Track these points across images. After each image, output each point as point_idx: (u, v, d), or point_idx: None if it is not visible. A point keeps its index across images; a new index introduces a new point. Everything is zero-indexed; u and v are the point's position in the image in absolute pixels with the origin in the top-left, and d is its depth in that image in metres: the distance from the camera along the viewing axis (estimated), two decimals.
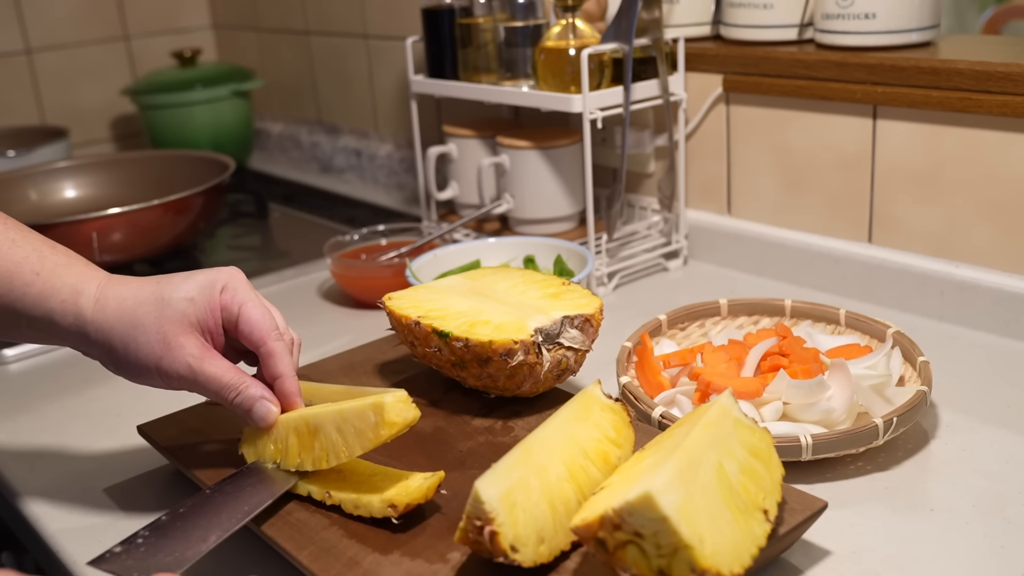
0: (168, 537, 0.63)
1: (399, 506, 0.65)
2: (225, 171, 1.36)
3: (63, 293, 0.69)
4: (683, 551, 0.53)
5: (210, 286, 0.70)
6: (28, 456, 0.88)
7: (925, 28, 1.04)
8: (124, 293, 0.69)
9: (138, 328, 0.68)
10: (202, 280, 0.70)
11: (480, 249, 1.10)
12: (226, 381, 0.69)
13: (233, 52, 2.06)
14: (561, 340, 0.78)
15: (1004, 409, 0.85)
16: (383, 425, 0.65)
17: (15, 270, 0.68)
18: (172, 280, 0.70)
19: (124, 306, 0.68)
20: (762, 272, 1.18)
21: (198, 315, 0.69)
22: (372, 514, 0.66)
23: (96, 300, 0.69)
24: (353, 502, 0.67)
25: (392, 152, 1.69)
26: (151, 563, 0.60)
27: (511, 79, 1.21)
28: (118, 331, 0.68)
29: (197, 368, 0.68)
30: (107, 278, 0.71)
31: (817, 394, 0.78)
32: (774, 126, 1.15)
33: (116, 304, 0.69)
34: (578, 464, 0.64)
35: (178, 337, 0.68)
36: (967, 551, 0.67)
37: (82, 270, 0.70)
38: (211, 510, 0.66)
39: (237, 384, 0.69)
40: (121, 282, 0.70)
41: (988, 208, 0.99)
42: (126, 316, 0.68)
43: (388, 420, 0.65)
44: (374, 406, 0.66)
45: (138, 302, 0.69)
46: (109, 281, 0.70)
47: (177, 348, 0.68)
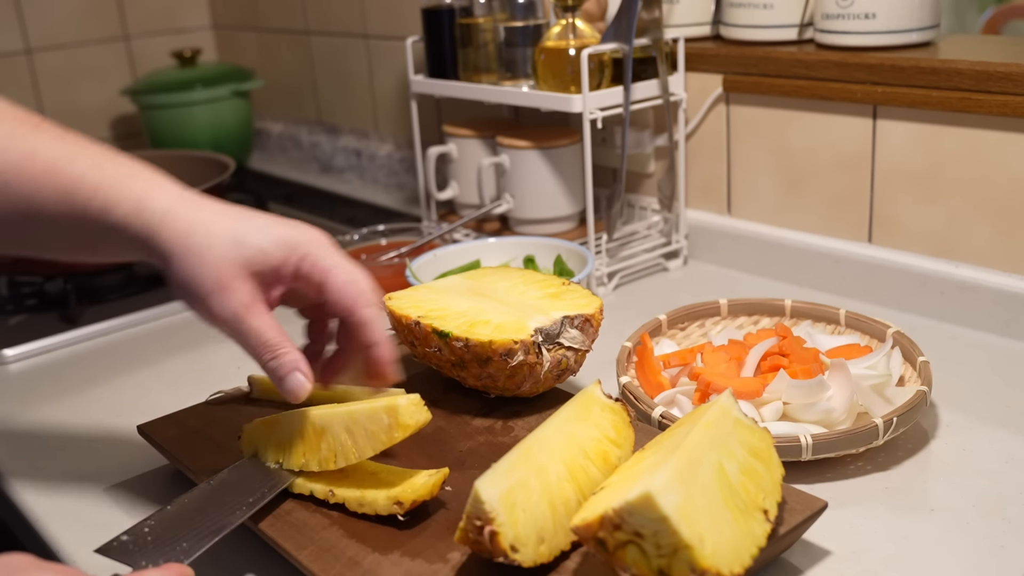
0: (174, 528, 0.63)
1: (405, 503, 0.65)
2: (225, 171, 1.36)
3: (126, 204, 0.65)
4: (683, 551, 0.53)
5: (289, 247, 0.67)
6: (28, 456, 0.88)
7: (925, 28, 1.04)
8: (196, 217, 0.66)
9: (201, 257, 0.65)
10: (281, 236, 0.67)
11: (480, 249, 1.10)
12: (267, 338, 0.66)
13: (233, 52, 2.06)
14: (561, 340, 0.78)
15: (1004, 409, 0.85)
16: (396, 427, 0.66)
17: (74, 187, 0.65)
18: (250, 224, 0.67)
19: (193, 231, 0.65)
20: (762, 272, 1.18)
21: (263, 267, 0.66)
22: (377, 511, 0.66)
23: (164, 216, 0.65)
24: (357, 500, 0.67)
25: (392, 152, 1.69)
26: (159, 554, 0.60)
27: (511, 79, 1.21)
28: (179, 254, 0.65)
29: (243, 316, 0.65)
30: (180, 194, 0.67)
31: (817, 394, 0.78)
32: (774, 126, 1.15)
33: (184, 227, 0.65)
34: (578, 464, 0.64)
35: (234, 280, 0.65)
36: (967, 551, 0.67)
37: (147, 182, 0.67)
38: (216, 501, 0.66)
39: (277, 345, 0.66)
40: (195, 203, 0.67)
41: (988, 208, 0.99)
42: (192, 243, 0.65)
43: (402, 423, 0.65)
44: (388, 408, 0.66)
45: (208, 233, 0.65)
46: (182, 198, 0.67)
47: (231, 290, 0.65)
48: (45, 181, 0.65)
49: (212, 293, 0.65)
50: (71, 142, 0.67)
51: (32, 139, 0.66)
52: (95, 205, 0.65)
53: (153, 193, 0.66)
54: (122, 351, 1.10)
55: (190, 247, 0.65)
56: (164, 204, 0.66)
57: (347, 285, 0.67)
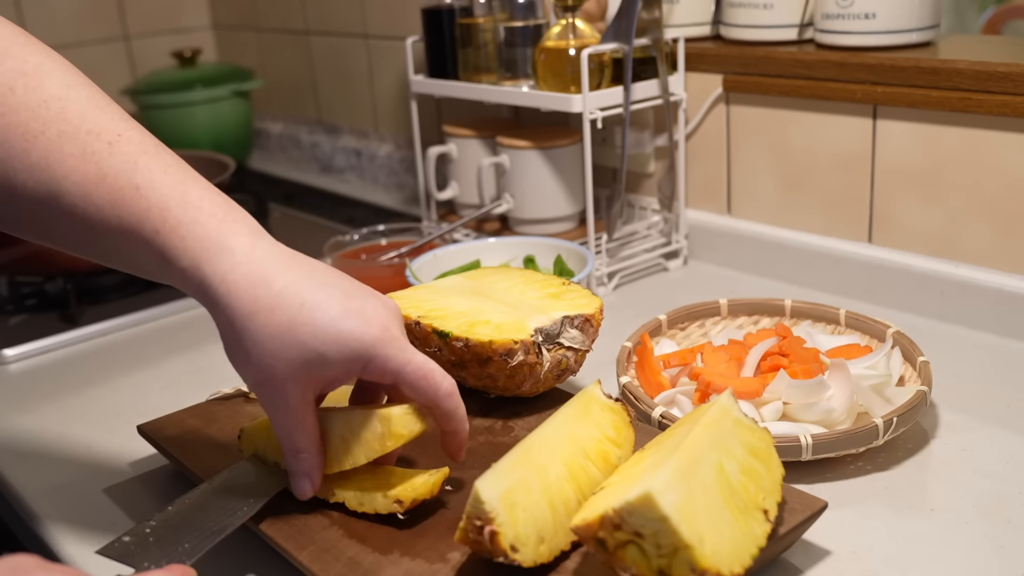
0: (176, 528, 0.63)
1: (405, 502, 0.65)
2: (225, 171, 1.36)
3: (184, 260, 0.61)
4: (683, 551, 0.53)
5: (353, 357, 0.62)
6: (28, 456, 0.88)
7: (925, 28, 1.04)
8: (261, 295, 0.60)
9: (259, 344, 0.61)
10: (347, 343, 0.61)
11: (480, 249, 1.10)
12: (294, 442, 0.65)
13: (233, 52, 2.06)
14: (561, 340, 0.78)
15: (1004, 409, 0.85)
16: (389, 436, 0.65)
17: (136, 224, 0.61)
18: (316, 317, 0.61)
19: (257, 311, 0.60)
20: (762, 272, 1.18)
21: (321, 374, 0.62)
22: (377, 510, 0.66)
23: (224, 281, 0.61)
24: (357, 499, 0.67)
25: (392, 152, 1.69)
26: (161, 554, 0.60)
27: (511, 79, 1.21)
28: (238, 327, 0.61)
29: (283, 416, 0.63)
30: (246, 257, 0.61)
31: (817, 394, 0.78)
32: (774, 126, 1.15)
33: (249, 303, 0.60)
34: (578, 464, 0.64)
35: (288, 381, 0.62)
36: (967, 551, 0.67)
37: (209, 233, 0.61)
38: (218, 502, 0.66)
39: (300, 451, 0.65)
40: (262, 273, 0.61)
41: (988, 208, 0.99)
42: (255, 323, 0.60)
43: (394, 432, 0.65)
44: (381, 417, 0.66)
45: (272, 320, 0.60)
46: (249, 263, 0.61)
47: (281, 388, 0.62)
48: (108, 213, 0.61)
49: (261, 384, 0.63)
50: (143, 168, 0.62)
51: (104, 160, 0.61)
52: (155, 249, 0.61)
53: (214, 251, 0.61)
54: (122, 351, 1.10)
55: (249, 331, 0.61)
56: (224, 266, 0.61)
57: (422, 381, 0.64)
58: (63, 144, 0.61)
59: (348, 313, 0.62)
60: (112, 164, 0.61)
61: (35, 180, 0.61)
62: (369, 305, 0.63)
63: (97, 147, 0.61)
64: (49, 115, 0.61)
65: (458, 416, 0.65)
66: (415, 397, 0.65)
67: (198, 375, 1.01)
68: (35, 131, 0.60)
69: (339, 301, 0.62)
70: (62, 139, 0.61)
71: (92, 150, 0.61)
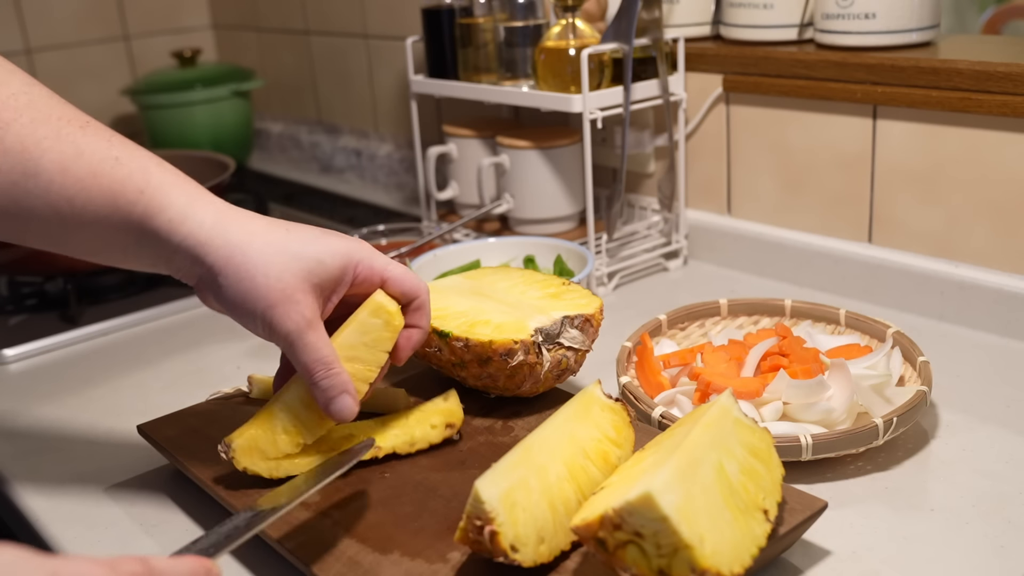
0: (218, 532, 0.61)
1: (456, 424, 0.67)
2: (225, 171, 1.36)
3: (171, 211, 0.64)
4: (683, 551, 0.53)
5: (346, 257, 0.68)
6: (28, 456, 0.88)
7: (925, 28, 1.04)
8: (251, 226, 0.66)
9: (259, 269, 0.64)
10: (338, 247, 0.67)
11: (480, 249, 1.10)
12: (323, 354, 0.66)
13: (233, 52, 2.06)
14: (561, 340, 0.78)
15: (1004, 409, 0.85)
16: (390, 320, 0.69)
17: (119, 189, 0.64)
18: (303, 235, 0.67)
19: (252, 239, 0.65)
20: (762, 272, 1.18)
21: (324, 279, 0.66)
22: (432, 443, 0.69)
23: (215, 223, 0.65)
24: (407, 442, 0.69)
25: (392, 152, 1.69)
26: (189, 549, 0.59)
27: (511, 79, 1.21)
28: (237, 261, 0.64)
29: (304, 330, 0.65)
30: (225, 205, 0.67)
31: (817, 394, 0.78)
32: (774, 126, 1.15)
33: (240, 233, 0.65)
34: (578, 464, 0.65)
35: (297, 292, 0.65)
36: (967, 551, 0.67)
37: (193, 190, 0.66)
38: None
39: (332, 363, 0.66)
40: (244, 214, 0.67)
41: (988, 208, 0.99)
42: (251, 253, 0.64)
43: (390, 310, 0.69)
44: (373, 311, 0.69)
45: (268, 242, 0.65)
46: (228, 211, 0.66)
47: (294, 303, 0.65)
48: (89, 183, 0.64)
49: (275, 305, 0.65)
50: (118, 144, 0.66)
51: (79, 139, 0.65)
52: (138, 209, 0.64)
53: (199, 203, 0.66)
54: (122, 351, 1.10)
55: (248, 259, 0.64)
56: (211, 215, 0.65)
57: (405, 275, 0.71)
58: (36, 128, 0.64)
59: (327, 232, 0.69)
60: (88, 142, 0.65)
61: (10, 163, 0.63)
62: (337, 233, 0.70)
63: (70, 129, 0.65)
64: (19, 105, 0.64)
65: (427, 311, 0.73)
66: (400, 292, 0.71)
67: (198, 375, 1.01)
68: (7, 119, 0.64)
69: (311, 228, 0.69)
70: (35, 124, 0.64)
71: (66, 132, 0.65)
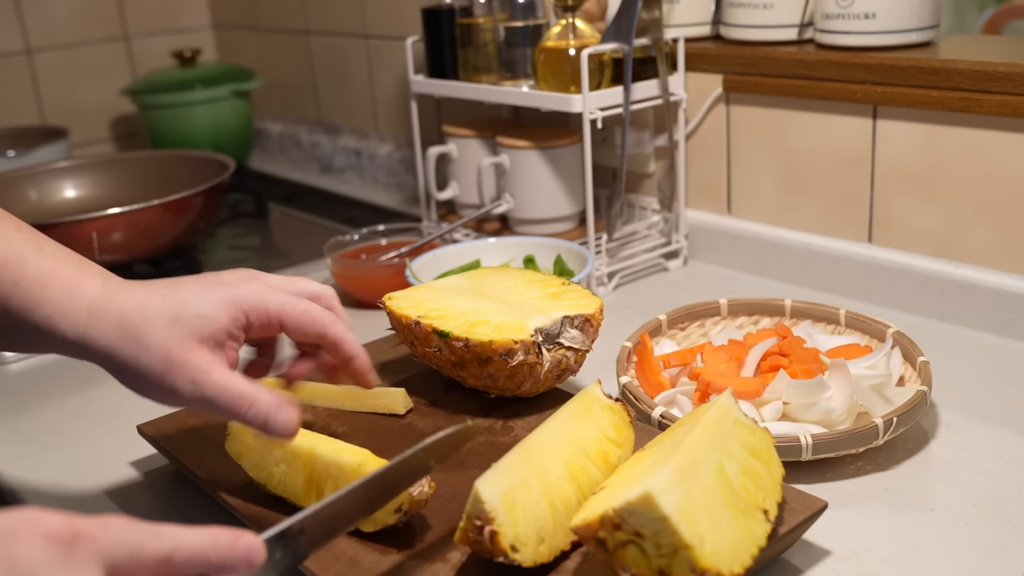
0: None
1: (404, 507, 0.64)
2: (225, 171, 1.36)
3: (47, 307, 0.62)
4: (683, 551, 0.53)
5: (233, 305, 0.64)
6: (28, 456, 0.88)
7: (925, 28, 1.04)
8: (124, 306, 0.63)
9: (140, 346, 0.62)
10: (219, 298, 0.64)
11: (480, 249, 1.10)
12: (236, 390, 0.62)
13: (233, 52, 2.06)
14: (561, 340, 0.78)
15: (1004, 409, 0.85)
16: None
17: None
18: (182, 294, 0.63)
19: (126, 323, 0.62)
20: (762, 272, 1.18)
21: (212, 332, 0.63)
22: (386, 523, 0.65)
23: (89, 314, 0.62)
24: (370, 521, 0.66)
25: (392, 152, 1.69)
26: None
27: (511, 79, 1.21)
28: (117, 348, 0.62)
29: (204, 381, 0.62)
30: (102, 286, 0.64)
31: (817, 394, 0.78)
32: (774, 126, 1.15)
33: (115, 320, 0.62)
34: (578, 464, 0.64)
35: (184, 354, 0.62)
36: (967, 551, 0.67)
37: (71, 278, 0.64)
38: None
39: (249, 394, 0.62)
40: (121, 292, 0.64)
41: (988, 208, 0.99)
42: (128, 334, 0.62)
43: None
44: None
45: (142, 319, 0.62)
46: (106, 290, 0.64)
47: (182, 365, 0.62)
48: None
49: (165, 373, 0.62)
50: None
51: None
52: (14, 303, 0.62)
53: (76, 290, 0.63)
54: None
55: (127, 338, 0.62)
56: (89, 300, 0.63)
57: (304, 315, 0.66)
58: None
59: (207, 283, 0.65)
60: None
61: None
62: (225, 278, 0.66)
63: None
64: None
65: (348, 340, 0.68)
66: (301, 336, 0.66)
67: None
68: None
69: (194, 281, 0.65)
70: None
71: None
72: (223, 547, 0.47)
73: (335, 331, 0.67)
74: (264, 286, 0.66)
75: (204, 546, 0.46)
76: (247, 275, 0.67)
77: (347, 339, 0.68)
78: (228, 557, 0.47)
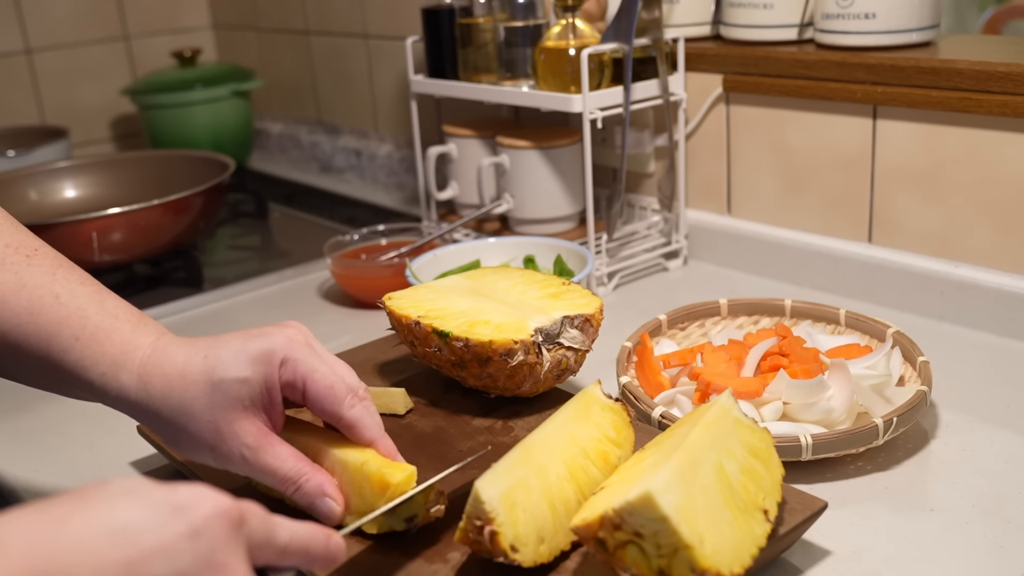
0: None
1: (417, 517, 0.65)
2: (225, 171, 1.36)
3: (102, 365, 0.63)
4: (683, 551, 0.53)
5: (266, 362, 0.63)
6: (28, 456, 0.88)
7: (925, 28, 1.04)
8: (170, 370, 0.63)
9: (187, 415, 0.62)
10: (256, 353, 0.63)
11: (480, 249, 1.10)
12: (283, 473, 0.63)
13: (233, 52, 2.06)
14: (561, 340, 0.78)
15: (1004, 409, 0.85)
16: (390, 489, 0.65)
17: (54, 332, 0.62)
18: (221, 354, 0.63)
19: (171, 388, 0.62)
20: (762, 272, 1.18)
21: (252, 397, 0.63)
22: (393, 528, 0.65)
23: (140, 377, 0.63)
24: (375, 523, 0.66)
25: (392, 152, 1.69)
26: None
27: (511, 79, 1.21)
28: (166, 415, 0.63)
29: (252, 459, 0.63)
30: (152, 347, 0.64)
31: (817, 394, 0.78)
32: (774, 126, 1.15)
33: (162, 385, 0.63)
34: (578, 464, 0.64)
35: (231, 425, 0.62)
36: (967, 551, 0.67)
37: (127, 336, 0.64)
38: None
39: (296, 477, 0.64)
40: (166, 355, 0.63)
41: (988, 208, 0.99)
42: (173, 401, 0.62)
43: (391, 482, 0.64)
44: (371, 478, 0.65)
45: (186, 384, 0.62)
46: (155, 352, 0.64)
47: (231, 437, 0.63)
48: (26, 319, 0.63)
49: (215, 445, 0.63)
50: (62, 278, 0.65)
51: (23, 271, 0.64)
52: (71, 358, 0.63)
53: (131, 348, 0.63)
54: None
55: (172, 407, 0.63)
56: (140, 361, 0.63)
57: (328, 391, 0.65)
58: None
59: (249, 337, 0.64)
60: (31, 274, 0.64)
61: None
62: (270, 329, 0.65)
63: (16, 259, 0.64)
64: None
65: (367, 425, 0.66)
66: (319, 408, 0.65)
67: None
68: None
69: (238, 336, 0.64)
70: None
71: (11, 261, 0.64)
72: (319, 542, 0.53)
73: (353, 414, 0.66)
74: (305, 346, 0.65)
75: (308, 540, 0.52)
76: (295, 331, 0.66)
77: (365, 423, 0.66)
78: (322, 553, 0.53)
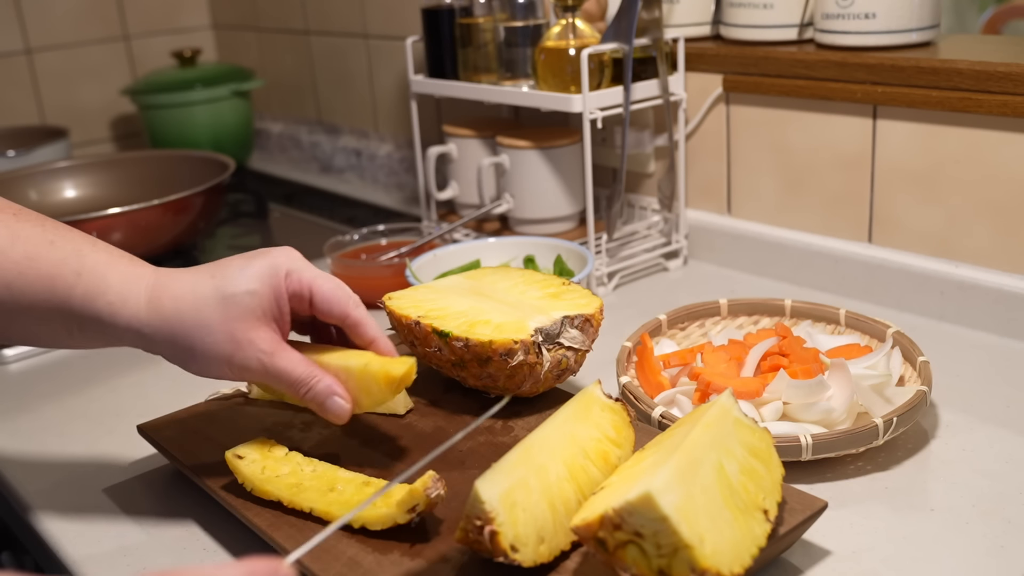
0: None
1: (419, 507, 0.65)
2: (225, 171, 1.36)
3: (110, 294, 0.66)
4: (683, 551, 0.53)
5: (272, 274, 0.69)
6: (28, 456, 0.88)
7: (925, 28, 1.04)
8: (179, 291, 0.67)
9: (203, 329, 0.66)
10: (261, 269, 0.68)
11: (480, 249, 1.10)
12: (297, 375, 0.68)
13: (233, 52, 2.06)
14: (561, 340, 0.78)
15: (1004, 409, 0.85)
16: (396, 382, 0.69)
17: (56, 272, 0.65)
18: (227, 272, 0.68)
19: (182, 307, 0.67)
20: (762, 272, 1.18)
21: (263, 307, 0.68)
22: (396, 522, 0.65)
23: (149, 300, 0.67)
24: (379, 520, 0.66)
25: (392, 152, 1.69)
26: None
27: (511, 79, 1.21)
28: (180, 332, 0.67)
29: (268, 363, 0.68)
30: (155, 275, 0.68)
31: (817, 394, 0.78)
32: (774, 126, 1.15)
33: (172, 305, 0.67)
34: (578, 464, 0.64)
35: (247, 333, 0.67)
36: (967, 551, 0.67)
37: (127, 267, 0.68)
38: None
39: (308, 379, 0.69)
40: (172, 278, 0.68)
41: (988, 208, 0.99)
42: (188, 318, 0.66)
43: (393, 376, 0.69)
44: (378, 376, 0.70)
45: (197, 301, 0.67)
46: (158, 278, 0.68)
47: (247, 344, 0.67)
48: (26, 267, 0.65)
49: (232, 354, 0.67)
50: (51, 228, 0.68)
51: (13, 225, 0.66)
52: (77, 293, 0.66)
53: (133, 281, 0.67)
54: (122, 351, 1.09)
55: (187, 322, 0.67)
56: (146, 286, 0.67)
57: (334, 292, 0.71)
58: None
59: (251, 257, 0.70)
60: (22, 227, 0.67)
61: None
62: (267, 249, 0.71)
63: (3, 216, 0.67)
64: None
65: (370, 324, 0.72)
66: (330, 310, 0.71)
67: None
68: None
69: (239, 257, 0.70)
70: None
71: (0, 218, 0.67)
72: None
73: (359, 313, 0.72)
74: (301, 258, 0.71)
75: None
76: (291, 249, 0.72)
77: (369, 322, 0.72)
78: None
